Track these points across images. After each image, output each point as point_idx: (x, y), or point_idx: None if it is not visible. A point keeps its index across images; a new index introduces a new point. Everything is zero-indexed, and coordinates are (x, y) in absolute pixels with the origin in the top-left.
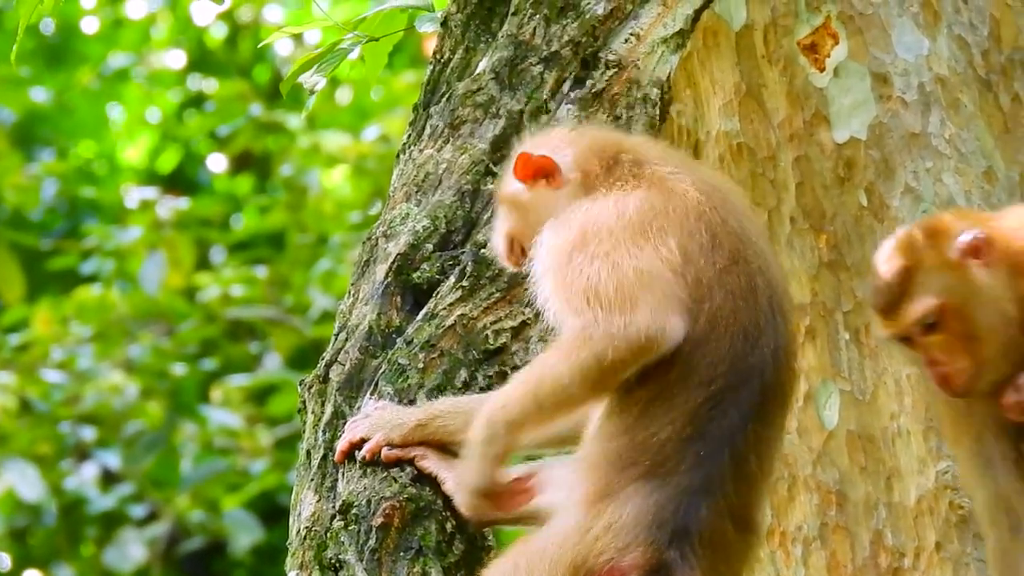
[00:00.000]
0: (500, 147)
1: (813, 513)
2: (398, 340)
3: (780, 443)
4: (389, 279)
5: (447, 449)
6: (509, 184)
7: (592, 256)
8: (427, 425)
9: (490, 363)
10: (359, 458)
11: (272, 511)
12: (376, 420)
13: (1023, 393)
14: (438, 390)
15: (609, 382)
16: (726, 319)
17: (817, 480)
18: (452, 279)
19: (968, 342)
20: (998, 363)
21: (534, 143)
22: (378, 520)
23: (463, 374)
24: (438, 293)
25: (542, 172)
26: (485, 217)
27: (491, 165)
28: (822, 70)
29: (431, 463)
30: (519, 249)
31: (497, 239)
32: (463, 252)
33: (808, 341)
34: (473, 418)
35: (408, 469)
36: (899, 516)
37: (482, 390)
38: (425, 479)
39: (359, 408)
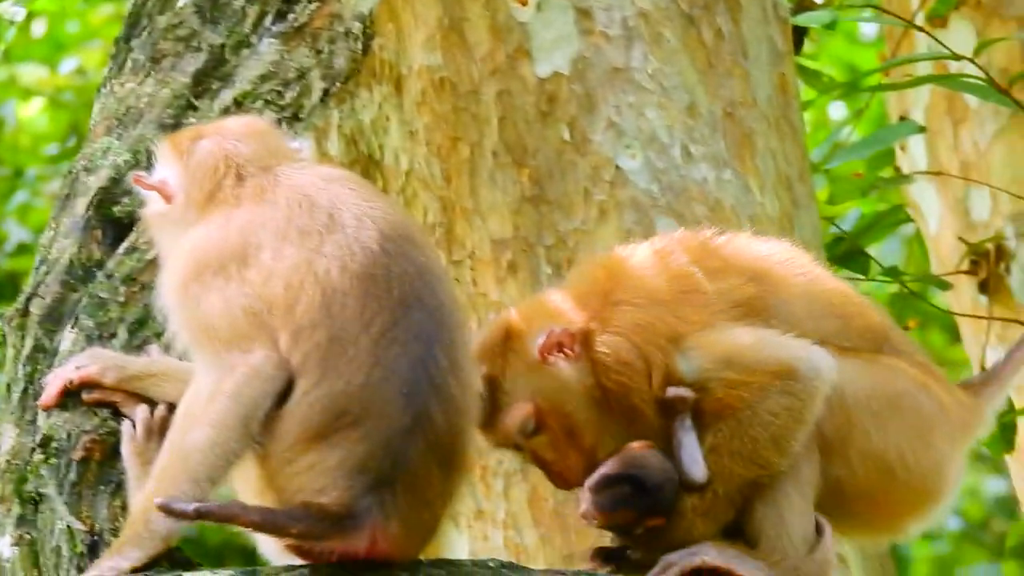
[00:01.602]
0: (201, 81)
1: None
2: (99, 274)
3: (473, 369)
4: (90, 213)
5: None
6: (145, 199)
7: (199, 295)
8: (143, 379)
9: None
10: (73, 380)
11: None
12: (97, 355)
13: (589, 506)
14: (139, 324)
15: (254, 421)
16: (347, 260)
17: None
18: None
19: (571, 437)
20: (606, 446)
21: (161, 151)
22: (78, 454)
23: None
24: (139, 226)
25: (153, 190)
26: None
27: (192, 99)
28: (524, 4)
29: (130, 410)
30: None
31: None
32: None
33: (510, 275)
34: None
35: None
36: None
37: None
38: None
39: (60, 341)
